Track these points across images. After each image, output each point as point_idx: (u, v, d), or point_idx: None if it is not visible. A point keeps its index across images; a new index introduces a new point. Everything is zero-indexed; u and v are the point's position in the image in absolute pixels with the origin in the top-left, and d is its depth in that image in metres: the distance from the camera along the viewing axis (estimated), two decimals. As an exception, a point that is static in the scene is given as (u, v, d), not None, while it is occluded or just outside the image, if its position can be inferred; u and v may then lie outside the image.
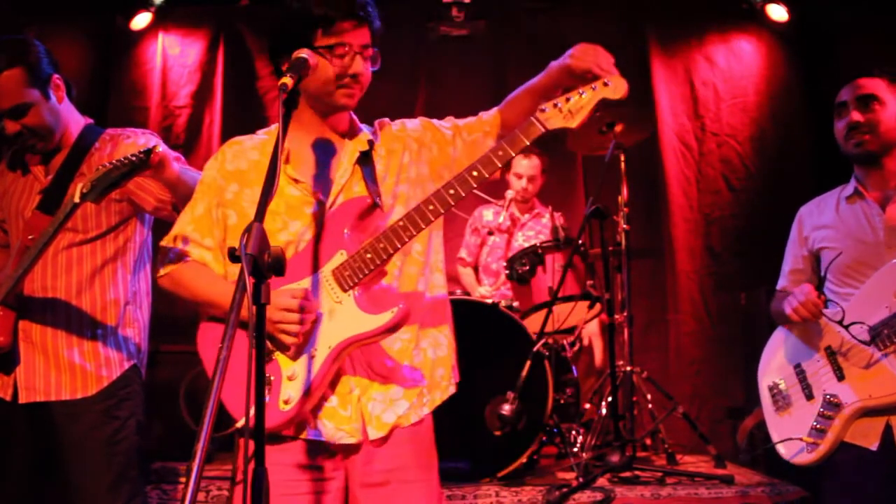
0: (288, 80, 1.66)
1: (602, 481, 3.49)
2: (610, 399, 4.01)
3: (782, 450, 2.52)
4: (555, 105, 1.86)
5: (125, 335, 2.46)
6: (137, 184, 2.40)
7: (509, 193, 4.70)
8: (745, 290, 4.73)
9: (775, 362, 2.64)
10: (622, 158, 4.31)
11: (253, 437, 1.43)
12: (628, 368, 4.25)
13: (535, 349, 3.60)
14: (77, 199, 2.10)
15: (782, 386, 2.58)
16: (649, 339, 5.30)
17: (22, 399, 2.33)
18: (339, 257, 1.83)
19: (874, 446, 2.35)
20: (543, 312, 3.85)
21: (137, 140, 2.47)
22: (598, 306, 4.21)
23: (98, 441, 2.34)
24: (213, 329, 1.92)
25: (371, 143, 1.98)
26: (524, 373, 3.53)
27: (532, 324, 3.89)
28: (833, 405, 2.40)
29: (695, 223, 5.33)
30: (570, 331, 4.39)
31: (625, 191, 4.29)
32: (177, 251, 1.97)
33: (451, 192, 1.82)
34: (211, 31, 5.62)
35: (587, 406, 4.41)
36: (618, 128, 4.23)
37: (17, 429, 2.37)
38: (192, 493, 1.23)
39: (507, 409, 3.38)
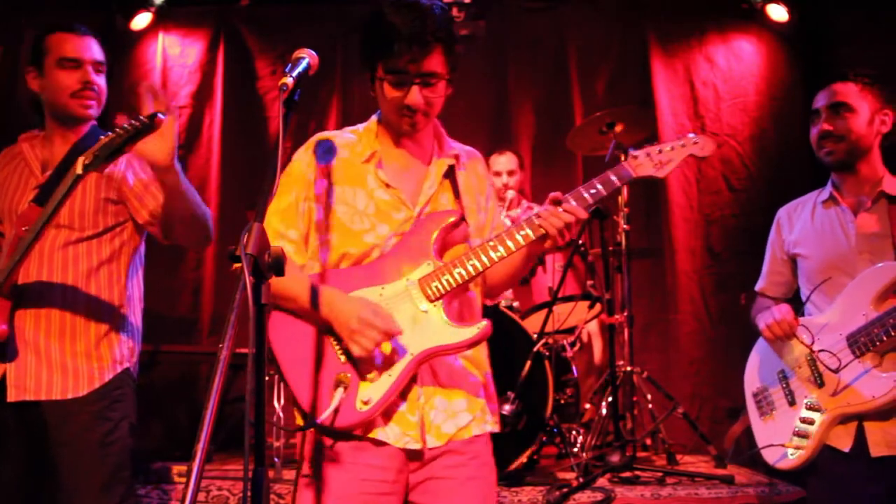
0: (288, 80, 1.65)
1: (602, 481, 3.49)
2: (610, 399, 4.01)
3: (766, 455, 2.54)
4: (647, 154, 1.95)
5: (118, 338, 2.44)
6: (136, 193, 2.41)
7: (509, 194, 4.70)
8: (745, 290, 4.71)
9: (760, 369, 2.67)
10: (622, 158, 4.28)
11: (254, 438, 1.42)
12: (628, 368, 4.25)
13: (535, 349, 3.61)
14: (80, 171, 2.06)
15: (766, 392, 2.60)
16: (649, 339, 5.30)
17: (10, 397, 2.31)
18: (427, 267, 1.86)
19: (847, 448, 2.38)
20: (543, 312, 3.85)
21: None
22: (598, 306, 4.21)
23: (90, 442, 2.32)
24: (282, 319, 1.90)
25: (458, 158, 2.02)
26: (524, 373, 3.54)
27: (532, 324, 3.89)
28: (814, 411, 2.43)
29: (695, 223, 5.33)
30: (571, 331, 4.39)
31: (624, 191, 4.29)
32: None
33: (541, 221, 1.87)
34: (211, 31, 5.62)
35: (587, 406, 4.41)
36: (618, 128, 4.23)
37: (8, 428, 2.34)
38: (192, 493, 1.23)
39: (507, 409, 3.38)
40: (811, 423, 2.42)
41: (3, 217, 2.47)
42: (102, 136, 2.43)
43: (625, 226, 4.25)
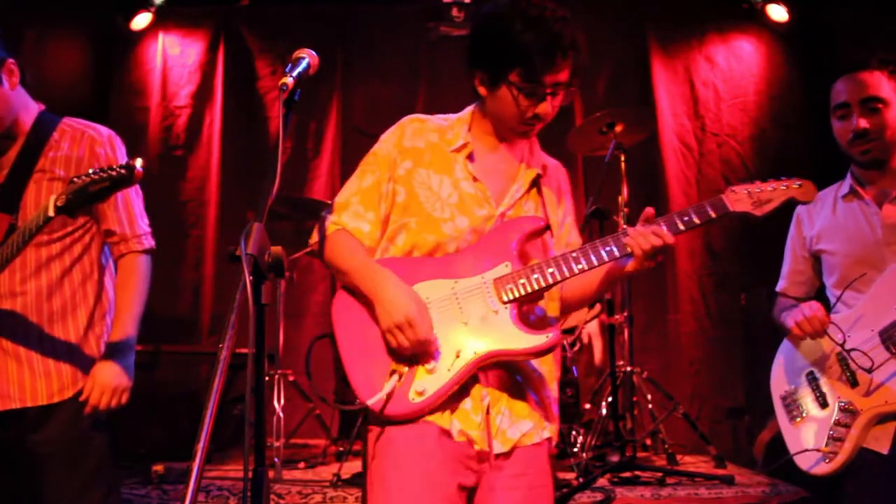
0: (288, 80, 1.65)
1: (602, 481, 3.49)
2: (610, 399, 4.01)
3: (800, 462, 2.41)
4: (747, 191, 1.90)
5: (97, 333, 2.37)
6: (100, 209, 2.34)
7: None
8: (745, 290, 4.73)
9: (787, 371, 2.54)
10: (622, 158, 4.31)
11: (253, 438, 1.42)
12: (628, 368, 4.26)
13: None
14: (51, 213, 2.01)
15: (796, 395, 2.48)
16: (649, 339, 5.30)
17: None
18: (504, 268, 1.84)
19: (886, 450, 2.27)
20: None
21: (99, 136, 2.34)
22: (598, 306, 4.21)
23: (69, 440, 2.26)
24: (347, 299, 1.90)
25: (545, 169, 2.02)
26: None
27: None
28: (848, 412, 2.31)
29: (695, 223, 5.32)
30: (571, 331, 4.39)
31: (625, 191, 4.28)
32: (334, 220, 1.95)
33: (628, 240, 1.85)
34: (211, 31, 5.62)
35: (587, 406, 4.41)
36: (618, 128, 4.23)
37: None
38: (192, 493, 1.23)
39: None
40: (846, 425, 2.29)
41: None
42: (54, 132, 2.31)
43: (624, 226, 4.24)
